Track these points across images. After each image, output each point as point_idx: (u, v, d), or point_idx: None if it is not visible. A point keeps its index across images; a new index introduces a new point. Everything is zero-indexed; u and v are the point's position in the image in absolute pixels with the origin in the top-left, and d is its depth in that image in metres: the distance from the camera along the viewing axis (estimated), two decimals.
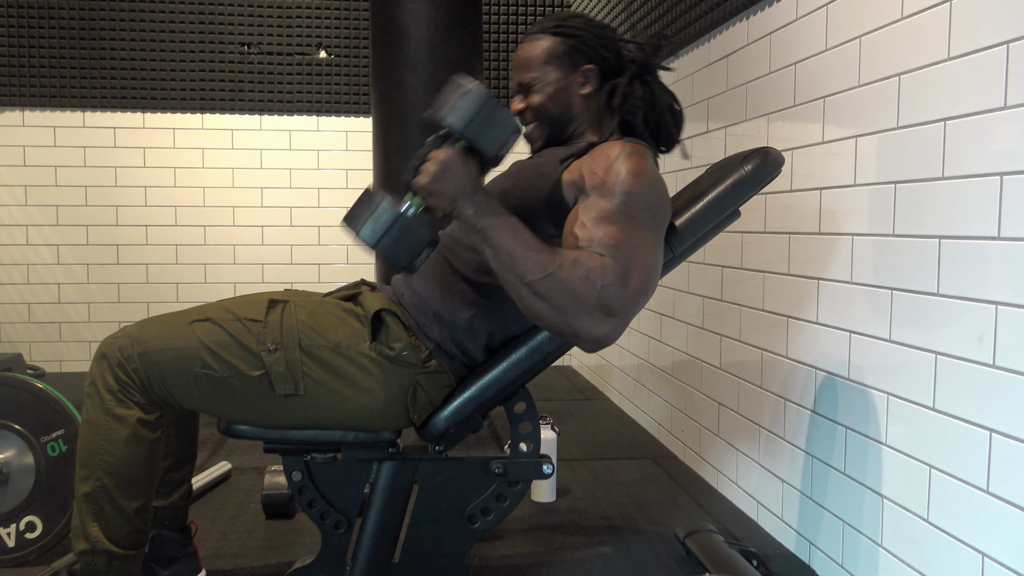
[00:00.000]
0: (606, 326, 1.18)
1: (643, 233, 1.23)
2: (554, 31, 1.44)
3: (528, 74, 1.46)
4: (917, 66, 1.46)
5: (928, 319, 1.44)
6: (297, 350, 1.34)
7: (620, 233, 1.21)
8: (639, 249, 1.21)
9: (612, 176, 1.26)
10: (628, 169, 1.26)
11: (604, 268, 1.18)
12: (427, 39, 2.40)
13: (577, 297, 1.17)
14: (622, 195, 1.24)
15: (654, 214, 1.26)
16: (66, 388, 1.89)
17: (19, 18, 3.89)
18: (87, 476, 1.35)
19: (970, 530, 1.34)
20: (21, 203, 3.98)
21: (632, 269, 1.20)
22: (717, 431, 2.36)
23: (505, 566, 1.83)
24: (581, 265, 1.17)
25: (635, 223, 1.23)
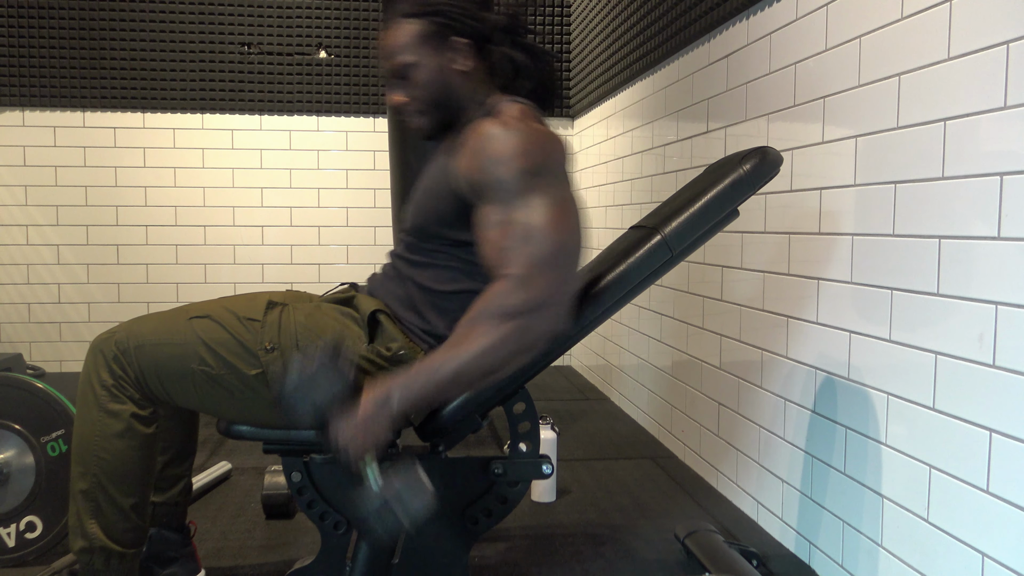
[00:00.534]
0: (547, 318, 1.19)
1: (532, 208, 1.20)
2: (416, 12, 1.36)
3: (399, 59, 1.37)
4: (917, 66, 1.46)
5: (928, 319, 1.44)
6: (294, 351, 1.33)
7: (508, 232, 1.21)
8: (534, 231, 1.19)
9: (485, 173, 1.25)
10: (495, 156, 1.23)
11: (504, 290, 1.18)
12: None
13: (504, 343, 1.18)
14: (499, 190, 1.23)
15: (538, 174, 1.22)
16: (66, 388, 1.89)
17: (19, 18, 3.89)
18: (83, 472, 1.34)
19: (970, 530, 1.34)
20: (21, 203, 3.98)
21: (532, 259, 1.18)
22: (717, 431, 2.36)
23: (505, 566, 1.83)
24: (488, 312, 1.18)
25: (521, 206, 1.21)
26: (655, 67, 2.93)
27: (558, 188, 1.24)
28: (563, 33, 4.25)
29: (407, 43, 1.36)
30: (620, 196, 3.41)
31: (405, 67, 1.37)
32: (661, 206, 1.61)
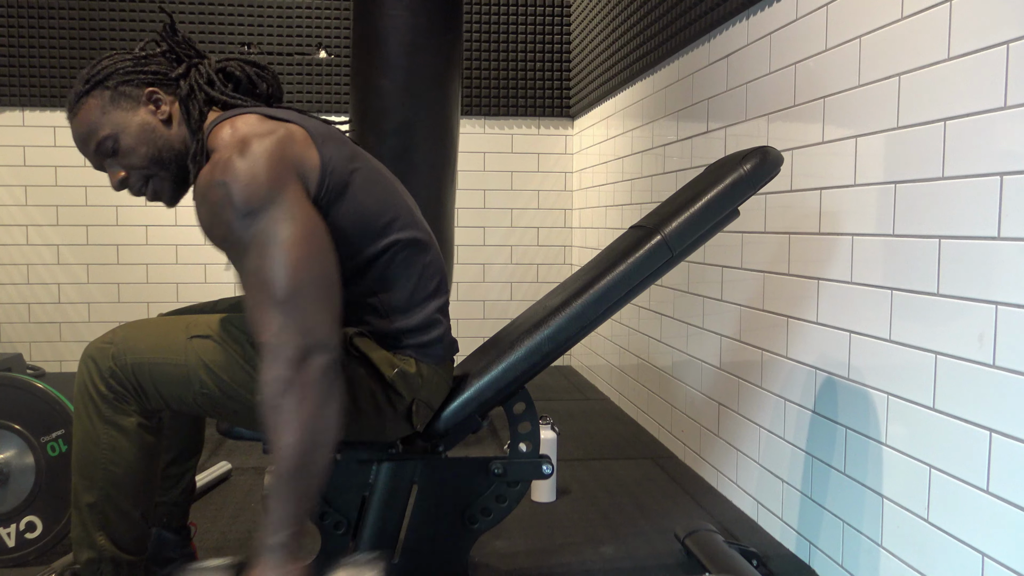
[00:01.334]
0: (316, 361, 1.13)
1: (257, 252, 1.15)
2: (88, 89, 1.29)
3: (98, 136, 1.29)
4: (917, 66, 1.46)
5: (928, 319, 1.44)
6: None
7: (248, 292, 1.16)
8: (265, 285, 1.14)
9: (213, 235, 1.20)
10: (209, 219, 1.19)
11: (266, 368, 1.13)
12: (405, 45, 2.40)
13: (299, 410, 1.12)
14: (228, 245, 1.19)
15: (252, 215, 1.15)
16: (66, 388, 1.89)
17: (19, 18, 3.89)
18: (89, 486, 1.31)
19: (970, 530, 1.34)
20: (21, 203, 3.98)
21: (268, 306, 1.13)
22: (717, 431, 2.36)
23: (505, 566, 1.83)
24: (268, 405, 1.13)
25: (249, 259, 1.16)
26: (655, 67, 2.93)
27: (279, 217, 1.15)
28: (563, 33, 4.25)
29: (96, 119, 1.29)
30: (620, 196, 3.41)
31: (106, 141, 1.30)
32: (661, 206, 1.61)
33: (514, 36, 4.22)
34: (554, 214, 4.36)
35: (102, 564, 1.32)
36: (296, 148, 1.24)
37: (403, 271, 1.36)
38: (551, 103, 4.28)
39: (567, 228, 4.38)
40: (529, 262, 4.36)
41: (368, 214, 1.32)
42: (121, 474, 1.31)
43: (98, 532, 1.31)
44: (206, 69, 1.36)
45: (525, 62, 4.24)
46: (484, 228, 4.31)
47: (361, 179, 1.32)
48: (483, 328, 4.29)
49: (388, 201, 1.36)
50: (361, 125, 2.50)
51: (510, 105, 4.25)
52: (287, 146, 1.22)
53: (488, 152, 4.29)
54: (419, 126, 2.45)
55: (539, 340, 1.41)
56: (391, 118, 2.42)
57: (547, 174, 4.34)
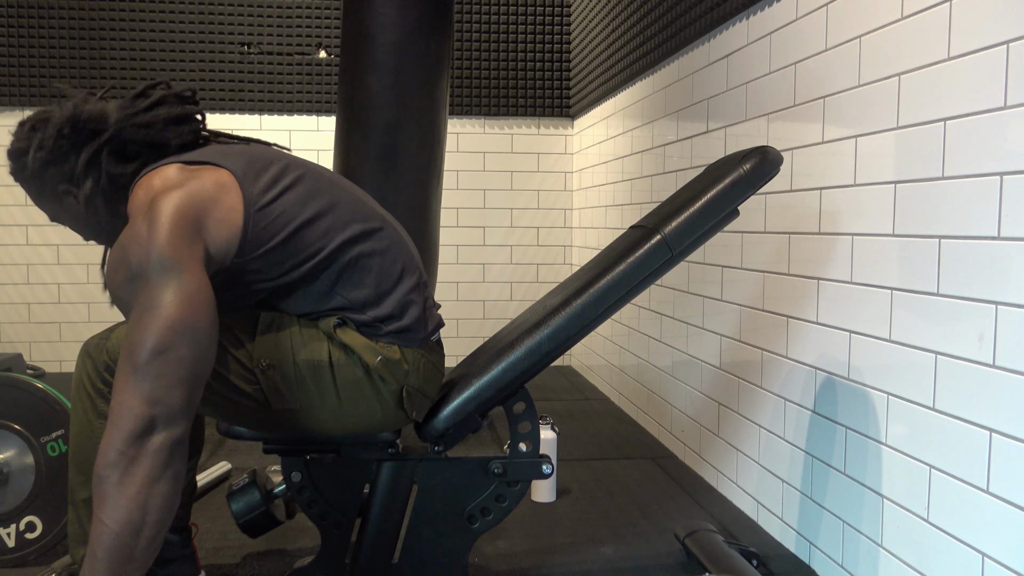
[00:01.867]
0: (157, 437, 1.08)
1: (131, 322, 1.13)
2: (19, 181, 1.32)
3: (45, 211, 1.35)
4: (917, 66, 1.46)
5: (928, 319, 1.44)
6: (292, 366, 1.31)
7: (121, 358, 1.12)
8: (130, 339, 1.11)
9: (110, 293, 1.19)
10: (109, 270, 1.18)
11: (103, 440, 1.07)
12: (394, 44, 2.40)
13: (125, 482, 1.06)
14: (122, 309, 1.18)
15: (132, 281, 1.14)
16: (66, 388, 1.89)
17: (19, 18, 3.89)
18: (85, 481, 1.32)
19: (970, 530, 1.34)
20: (21, 203, 3.97)
21: (127, 370, 1.09)
22: (717, 431, 2.36)
23: (505, 566, 1.83)
24: (97, 475, 1.07)
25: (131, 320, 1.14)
26: (655, 67, 2.93)
27: (153, 289, 1.12)
28: (563, 33, 4.25)
29: (36, 200, 1.33)
30: (620, 196, 3.41)
31: (53, 218, 1.36)
32: (661, 206, 1.61)
33: (514, 36, 4.22)
34: (554, 214, 4.36)
35: None
36: (205, 202, 1.19)
37: (360, 266, 1.34)
38: (551, 103, 4.28)
39: (567, 228, 4.38)
40: (529, 262, 4.36)
41: (305, 230, 1.28)
42: None
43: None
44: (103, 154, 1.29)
45: (525, 62, 4.24)
46: (484, 228, 4.31)
47: (296, 200, 1.29)
48: (483, 328, 4.29)
49: (324, 208, 1.32)
50: (347, 123, 2.49)
51: (510, 105, 4.25)
52: (194, 202, 1.18)
53: (488, 152, 4.29)
54: (405, 125, 2.44)
55: (539, 339, 1.41)
56: (377, 116, 2.42)
57: (547, 174, 4.34)
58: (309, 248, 1.29)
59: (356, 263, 1.33)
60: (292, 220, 1.27)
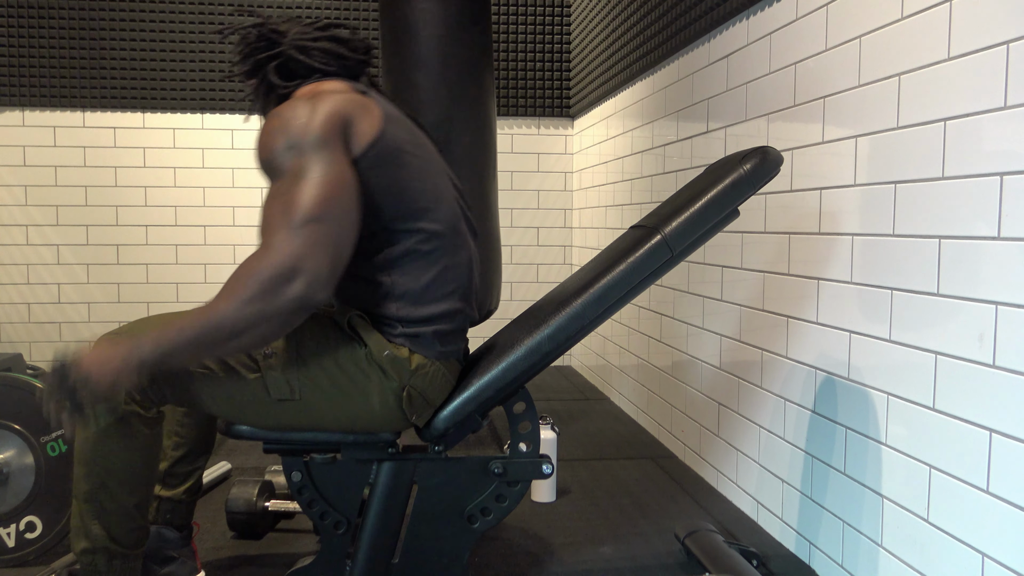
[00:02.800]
0: (298, 282, 1.20)
1: (291, 179, 1.24)
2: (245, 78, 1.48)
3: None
4: (917, 66, 1.46)
5: (928, 319, 1.44)
6: (295, 355, 1.34)
7: (270, 205, 1.25)
8: (282, 204, 1.23)
9: (259, 159, 1.31)
10: (259, 142, 1.31)
11: (251, 257, 1.22)
12: (437, 38, 2.39)
13: (246, 313, 1.19)
14: (269, 170, 1.29)
15: (291, 149, 1.26)
16: None
17: (19, 18, 3.89)
18: (86, 474, 1.34)
19: (970, 530, 1.34)
20: (21, 203, 3.98)
21: (277, 228, 1.21)
22: (717, 431, 2.36)
23: (505, 566, 1.83)
24: (237, 281, 1.21)
25: (276, 183, 1.27)
26: (655, 67, 2.93)
27: (318, 158, 1.25)
28: (563, 33, 4.25)
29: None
30: (620, 196, 3.41)
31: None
32: (661, 206, 1.61)
33: (514, 36, 4.22)
34: (554, 214, 4.36)
35: (96, 555, 1.35)
36: (356, 111, 1.32)
37: (424, 261, 1.38)
38: (551, 103, 4.28)
39: (567, 228, 4.38)
40: (529, 262, 4.36)
41: (406, 193, 1.36)
42: (115, 463, 1.34)
43: (93, 521, 1.34)
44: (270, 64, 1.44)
45: (525, 62, 4.24)
46: None
47: (414, 164, 1.38)
48: (483, 328, 4.29)
49: (431, 193, 1.40)
50: None
51: (510, 105, 4.25)
52: (349, 107, 1.32)
53: None
54: (457, 118, 2.41)
55: (539, 340, 1.41)
56: (428, 112, 2.40)
57: (547, 174, 4.34)
58: (401, 212, 1.35)
59: (427, 255, 1.38)
60: (403, 178, 1.35)
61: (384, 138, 1.34)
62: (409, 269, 1.37)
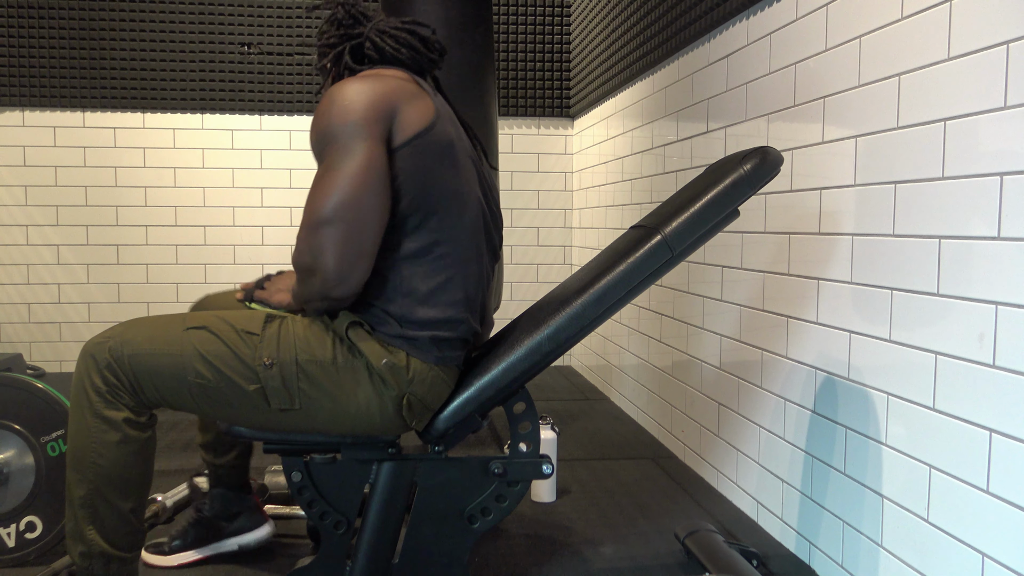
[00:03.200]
0: (319, 277, 1.30)
1: (321, 171, 1.32)
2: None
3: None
4: (917, 66, 1.46)
5: (928, 319, 1.44)
6: (294, 366, 1.33)
7: (308, 196, 1.33)
8: (315, 191, 1.31)
9: (310, 137, 1.37)
10: (315, 115, 1.36)
11: (295, 252, 1.34)
12: (440, 39, 2.39)
13: (301, 293, 1.36)
14: (315, 157, 1.36)
15: (326, 139, 1.31)
16: (66, 388, 1.89)
17: (19, 18, 3.89)
18: (80, 479, 1.34)
19: (970, 530, 1.34)
20: (21, 203, 3.98)
21: (306, 219, 1.30)
22: (717, 431, 2.36)
23: (505, 566, 1.83)
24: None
25: (317, 173, 1.33)
26: (655, 67, 2.93)
27: (348, 149, 1.29)
28: (563, 33, 4.25)
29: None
30: (620, 196, 3.41)
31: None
32: (661, 206, 1.61)
33: (514, 36, 4.22)
34: (554, 214, 4.36)
35: (92, 559, 1.34)
36: (405, 99, 1.35)
37: (434, 264, 1.38)
38: (551, 103, 4.28)
39: (567, 228, 4.38)
40: (529, 262, 4.36)
41: (435, 186, 1.37)
42: (108, 468, 1.33)
43: (88, 527, 1.34)
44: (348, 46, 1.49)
45: (525, 62, 4.24)
46: None
47: (453, 164, 1.40)
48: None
49: (459, 196, 1.40)
50: None
51: (510, 105, 4.25)
52: (399, 95, 1.34)
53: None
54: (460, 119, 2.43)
55: (539, 340, 1.41)
56: None
57: (547, 174, 4.34)
58: (422, 201, 1.36)
59: (436, 259, 1.38)
60: (436, 169, 1.37)
61: (432, 130, 1.36)
62: (418, 269, 1.37)
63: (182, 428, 3.00)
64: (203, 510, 1.81)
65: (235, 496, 1.79)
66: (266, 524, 1.82)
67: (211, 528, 1.79)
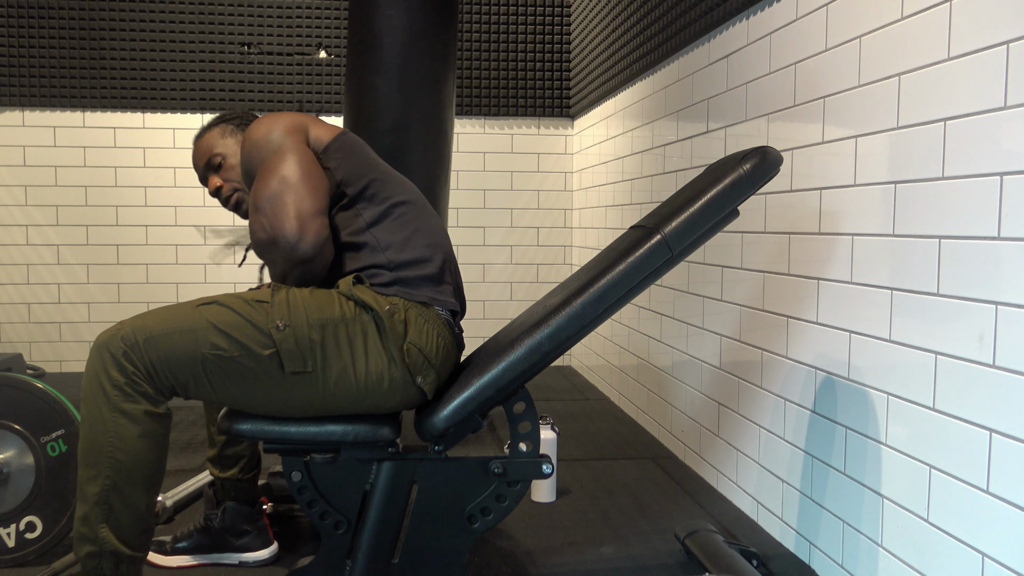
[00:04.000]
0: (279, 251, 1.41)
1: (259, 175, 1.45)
2: (215, 123, 1.72)
3: (211, 154, 1.69)
4: (917, 66, 1.46)
5: (928, 319, 1.44)
6: (305, 327, 1.36)
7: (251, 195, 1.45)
8: (256, 189, 1.43)
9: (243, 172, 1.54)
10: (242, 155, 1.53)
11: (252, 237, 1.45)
12: (400, 45, 2.41)
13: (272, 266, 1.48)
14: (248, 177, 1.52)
15: (257, 151, 1.48)
16: (66, 388, 1.89)
17: (19, 18, 3.89)
18: (95, 475, 1.31)
19: (970, 530, 1.34)
20: (21, 203, 3.98)
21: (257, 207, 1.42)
22: (717, 431, 2.36)
23: (505, 566, 1.83)
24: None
25: (256, 178, 1.45)
26: (655, 67, 2.93)
27: (274, 151, 1.46)
28: (563, 33, 4.25)
29: (215, 140, 1.70)
30: (620, 196, 3.41)
31: (215, 158, 1.69)
32: (661, 206, 1.61)
33: (514, 36, 4.22)
34: (554, 214, 4.36)
35: (102, 559, 1.32)
36: (310, 121, 1.55)
37: (399, 221, 1.52)
38: (551, 103, 4.28)
39: (567, 228, 4.38)
40: (529, 262, 4.36)
41: (372, 171, 1.55)
42: (127, 462, 1.32)
43: (101, 524, 1.32)
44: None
45: (525, 62, 4.24)
46: (484, 228, 4.31)
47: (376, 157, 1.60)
48: (483, 328, 4.29)
49: (394, 177, 1.59)
50: (355, 124, 2.50)
51: (510, 105, 4.25)
52: (303, 118, 1.54)
53: (488, 152, 4.29)
54: (413, 127, 2.45)
55: (539, 339, 1.41)
56: (385, 118, 2.43)
57: (547, 174, 4.34)
58: (366, 183, 1.52)
59: (399, 217, 1.52)
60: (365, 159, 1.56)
61: (343, 136, 1.56)
62: (387, 226, 1.51)
63: (182, 428, 3.00)
64: (212, 520, 1.82)
65: (247, 514, 1.82)
66: (271, 546, 1.83)
67: (217, 539, 1.81)
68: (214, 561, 1.81)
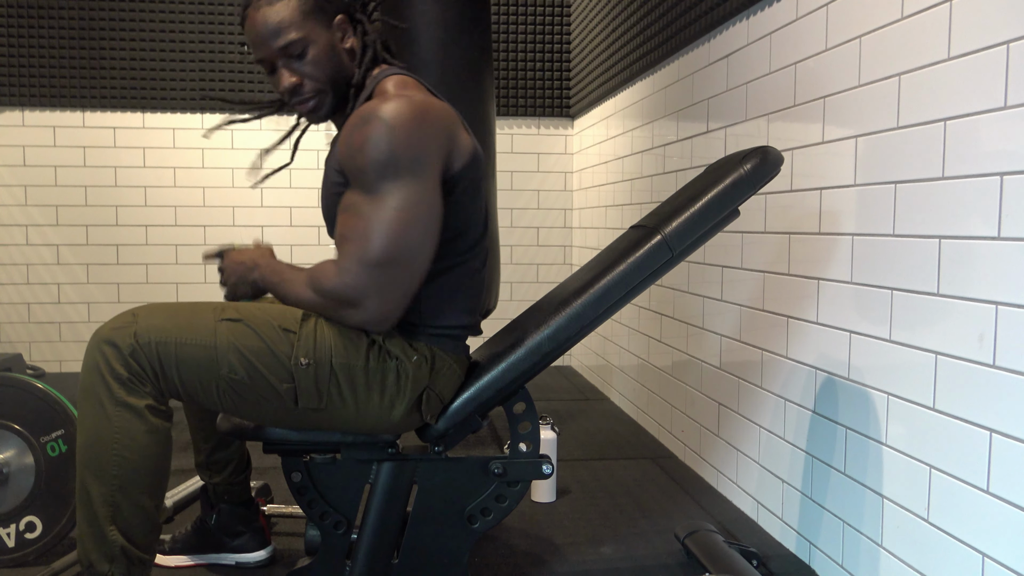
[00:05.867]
0: (359, 313, 1.29)
1: (377, 206, 1.25)
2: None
3: (287, 37, 1.31)
4: (917, 66, 1.46)
5: (928, 319, 1.44)
6: (328, 367, 1.31)
7: (351, 220, 1.28)
8: (370, 231, 1.25)
9: (351, 160, 1.28)
10: (359, 143, 1.26)
11: (323, 272, 1.30)
12: (438, 40, 2.40)
13: (316, 307, 1.32)
14: (358, 178, 1.28)
15: (394, 167, 1.24)
16: (66, 388, 1.89)
17: (19, 18, 3.89)
18: (99, 475, 1.24)
19: (970, 530, 1.34)
20: (21, 203, 3.98)
21: (357, 257, 1.26)
22: (717, 431, 2.36)
23: (505, 566, 1.83)
24: (312, 279, 1.31)
25: (370, 200, 1.26)
26: (655, 67, 2.93)
27: (411, 187, 1.25)
28: (563, 33, 4.25)
29: (293, 17, 1.31)
30: (620, 196, 3.41)
31: (295, 44, 1.32)
32: (661, 206, 1.61)
33: (514, 36, 4.22)
34: (554, 214, 4.36)
35: (114, 562, 1.25)
36: (453, 127, 1.33)
37: (451, 276, 1.42)
38: (551, 103, 4.28)
39: (567, 228, 4.38)
40: (529, 262, 4.36)
41: (471, 219, 1.41)
42: (134, 459, 1.25)
43: (109, 525, 1.24)
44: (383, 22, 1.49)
45: (525, 62, 4.24)
46: None
47: (480, 185, 1.41)
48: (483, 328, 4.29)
49: (481, 214, 1.44)
50: None
51: (510, 105, 4.25)
52: (448, 122, 1.32)
53: None
54: None
55: (539, 340, 1.41)
56: None
57: (547, 174, 4.34)
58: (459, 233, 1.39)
59: (454, 272, 1.42)
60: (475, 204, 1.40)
61: (476, 157, 1.37)
62: (438, 284, 1.40)
63: (182, 428, 2.99)
64: (209, 521, 1.79)
65: (242, 514, 1.78)
66: (268, 547, 1.81)
67: (213, 540, 1.79)
68: (211, 561, 1.81)
